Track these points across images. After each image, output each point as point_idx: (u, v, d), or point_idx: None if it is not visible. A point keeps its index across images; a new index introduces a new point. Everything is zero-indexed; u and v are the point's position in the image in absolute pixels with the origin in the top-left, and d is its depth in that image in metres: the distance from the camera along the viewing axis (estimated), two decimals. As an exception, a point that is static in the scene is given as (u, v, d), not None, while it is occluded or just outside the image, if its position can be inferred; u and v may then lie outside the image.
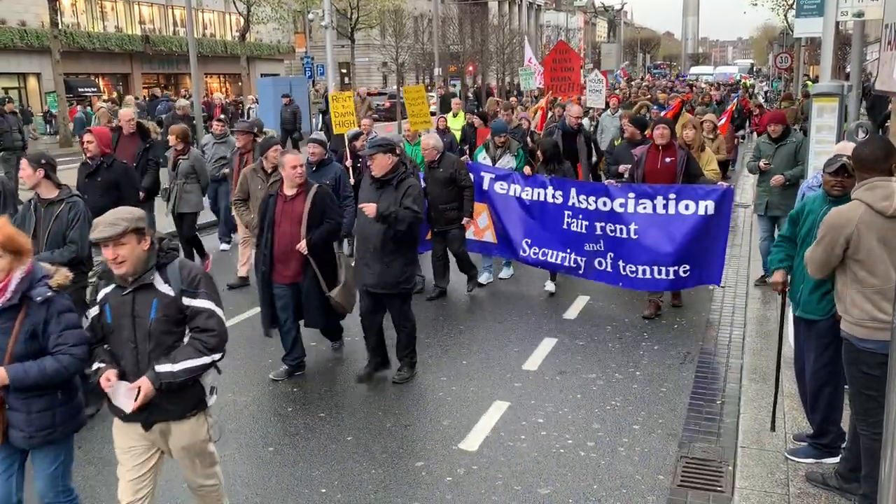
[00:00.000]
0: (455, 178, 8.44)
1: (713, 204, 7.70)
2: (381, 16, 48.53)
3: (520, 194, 8.86)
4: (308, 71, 37.32)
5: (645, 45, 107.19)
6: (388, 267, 6.25)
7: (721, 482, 4.88)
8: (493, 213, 9.14)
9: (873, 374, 4.01)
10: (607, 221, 8.20)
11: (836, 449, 4.79)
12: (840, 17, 8.85)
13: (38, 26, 35.41)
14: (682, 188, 7.84)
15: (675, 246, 7.85)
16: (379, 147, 6.31)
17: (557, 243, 8.62)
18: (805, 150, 7.99)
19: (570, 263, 8.59)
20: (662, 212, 7.87)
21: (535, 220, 8.77)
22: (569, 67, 16.52)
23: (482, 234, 9.29)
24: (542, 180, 8.71)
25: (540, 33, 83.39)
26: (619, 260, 8.18)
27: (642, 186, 7.99)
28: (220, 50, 48.19)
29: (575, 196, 8.43)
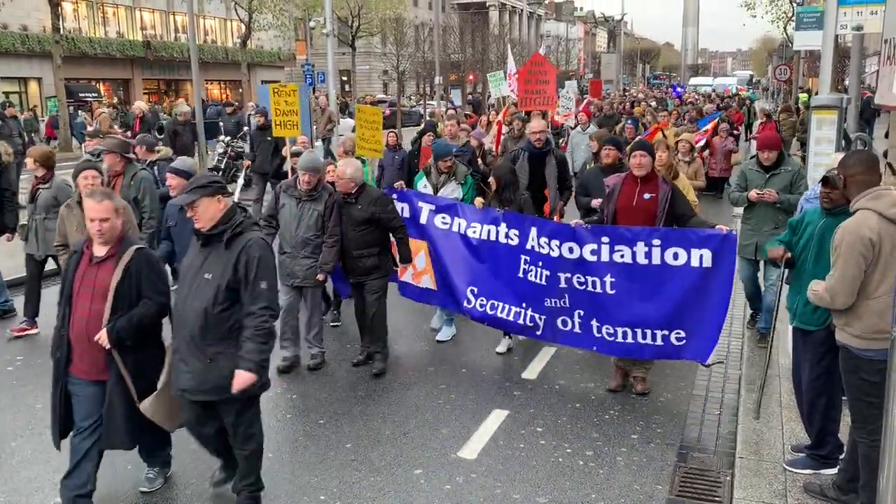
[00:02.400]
0: (376, 219, 6.68)
1: (710, 254, 5.86)
2: (382, 24, 48.73)
3: (465, 231, 7.05)
4: (309, 78, 37.41)
5: (645, 56, 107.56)
6: (213, 363, 4.23)
7: (719, 492, 4.89)
8: (433, 254, 7.31)
9: (873, 381, 4.04)
10: (574, 272, 6.34)
11: (834, 460, 4.80)
12: (839, 31, 8.93)
13: (40, 31, 35.53)
14: (670, 232, 6.02)
15: (665, 303, 6.04)
16: (203, 189, 4.25)
17: (510, 295, 6.75)
18: (803, 181, 6.94)
19: (525, 321, 6.68)
20: (644, 261, 6.03)
21: (484, 264, 6.95)
22: (544, 80, 15.08)
23: (420, 279, 7.46)
24: (494, 215, 6.88)
25: (540, 43, 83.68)
26: (592, 319, 6.35)
27: (618, 230, 6.15)
28: (221, 56, 48.30)
29: (535, 237, 6.57)
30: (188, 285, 4.31)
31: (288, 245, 6.77)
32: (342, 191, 6.70)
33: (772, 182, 6.91)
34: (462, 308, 7.14)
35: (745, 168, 7.25)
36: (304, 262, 6.73)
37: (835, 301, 4.13)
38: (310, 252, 6.71)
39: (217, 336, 4.22)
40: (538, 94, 15.16)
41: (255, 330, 4.18)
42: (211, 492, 4.87)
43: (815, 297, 4.27)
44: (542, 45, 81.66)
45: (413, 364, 7.18)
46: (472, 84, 52.81)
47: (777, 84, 38.38)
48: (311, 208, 6.70)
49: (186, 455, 5.25)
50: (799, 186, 6.84)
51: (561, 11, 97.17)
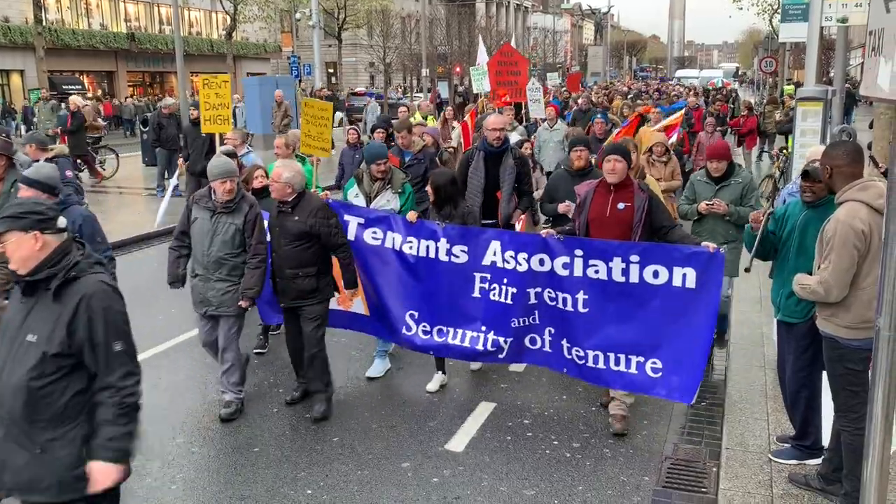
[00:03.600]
0: (316, 233, 5.77)
1: (694, 274, 5.18)
2: (368, 16, 48.55)
3: (400, 247, 6.15)
4: (295, 70, 37.26)
5: (631, 48, 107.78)
6: (46, 454, 3.11)
7: (705, 483, 4.92)
8: (364, 273, 6.31)
9: (857, 370, 4.07)
10: (545, 286, 5.66)
11: (819, 450, 4.84)
12: (824, 23, 8.97)
13: (22, 23, 35.17)
14: (650, 248, 5.33)
15: (642, 326, 5.38)
16: (13, 220, 3.11)
17: (463, 318, 6.00)
18: (754, 193, 6.60)
19: (485, 346, 5.89)
20: (621, 279, 5.37)
21: (426, 284, 6.12)
22: (515, 72, 14.74)
23: (349, 304, 6.41)
24: (432, 229, 6.04)
25: (527, 35, 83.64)
26: (563, 338, 5.68)
27: (593, 242, 5.50)
28: (206, 48, 47.98)
29: (497, 252, 5.84)
30: (6, 349, 3.14)
31: (200, 266, 5.77)
32: (277, 197, 5.83)
33: (722, 194, 6.58)
34: (400, 336, 6.20)
35: (694, 179, 6.85)
36: (218, 286, 5.72)
37: (829, 294, 4.10)
38: (225, 274, 5.71)
39: (47, 417, 3.08)
40: (509, 85, 14.87)
41: (119, 409, 3.12)
42: None
43: (804, 291, 4.24)
44: (529, 38, 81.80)
45: (400, 356, 7.17)
46: (459, 76, 52.78)
47: (763, 76, 38.50)
48: (228, 222, 5.70)
49: None
50: (750, 199, 6.54)
51: (547, 3, 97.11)
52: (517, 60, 15.33)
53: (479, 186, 7.07)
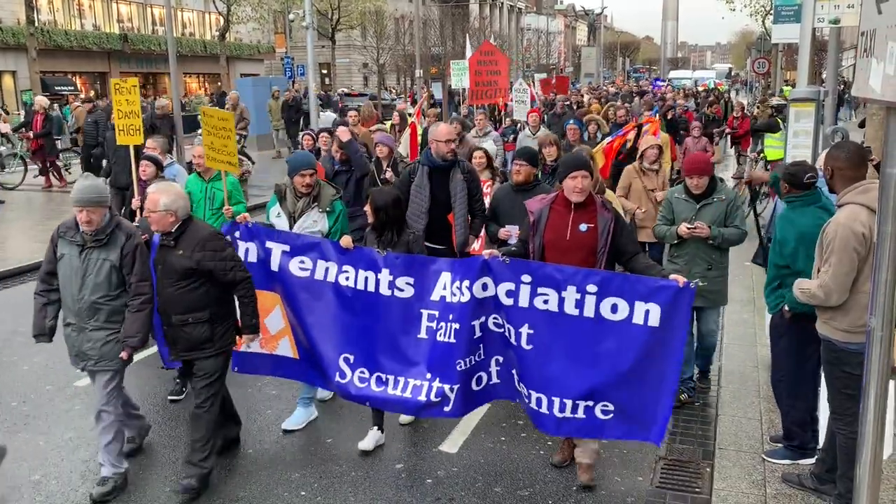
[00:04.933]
0: (205, 269, 4.74)
1: (658, 310, 4.43)
2: (361, 17, 48.55)
3: (335, 278, 5.21)
4: (288, 71, 37.22)
5: (625, 49, 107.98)
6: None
7: (699, 483, 4.92)
8: (290, 311, 5.36)
9: (855, 374, 4.07)
10: (490, 314, 4.85)
11: (812, 450, 4.85)
12: (817, 24, 8.99)
13: (14, 23, 35.03)
14: (611, 278, 4.59)
15: (593, 369, 4.59)
16: None
17: (404, 363, 5.03)
18: (740, 211, 5.94)
19: (429, 396, 4.90)
20: (574, 312, 4.58)
21: (363, 322, 5.15)
22: (495, 71, 14.18)
23: (274, 344, 5.46)
24: (371, 258, 5.11)
25: (521, 36, 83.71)
26: (512, 367, 4.90)
27: (545, 268, 4.67)
28: (199, 49, 47.89)
29: (447, 285, 4.93)
30: None
31: (71, 313, 4.73)
32: (157, 229, 4.80)
33: (703, 214, 5.78)
34: (333, 384, 5.20)
35: (672, 197, 6.04)
36: (95, 336, 4.69)
37: (829, 298, 4.09)
38: (103, 321, 4.69)
39: None
40: (489, 85, 14.21)
41: None
42: None
43: (805, 295, 4.24)
44: (523, 39, 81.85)
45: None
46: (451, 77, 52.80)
47: (756, 77, 38.64)
48: (100, 258, 4.65)
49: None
50: (735, 217, 5.83)
51: (541, 5, 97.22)
52: (497, 59, 14.70)
53: (423, 206, 6.20)
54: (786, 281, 4.67)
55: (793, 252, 4.66)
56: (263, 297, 5.23)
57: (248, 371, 5.61)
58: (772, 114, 15.37)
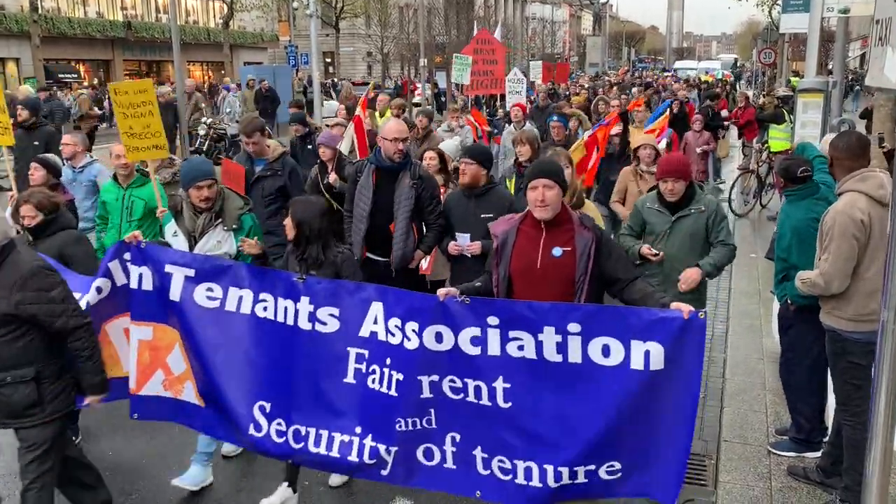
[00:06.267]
0: (27, 314, 3.78)
1: (661, 350, 3.49)
2: (366, 5, 48.39)
3: (252, 308, 4.23)
4: (292, 60, 37.12)
5: (630, 39, 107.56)
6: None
7: (704, 476, 4.90)
8: (192, 350, 4.35)
9: (860, 364, 4.07)
10: (447, 372, 3.82)
11: (818, 443, 4.84)
12: (826, 14, 8.93)
13: (18, 10, 34.95)
14: (596, 312, 3.64)
15: (590, 427, 3.64)
16: None
17: (329, 414, 4.09)
18: (724, 224, 5.03)
19: (361, 456, 3.97)
20: (556, 358, 3.64)
21: (279, 362, 4.20)
22: (492, 60, 13.64)
23: (178, 388, 4.43)
24: (290, 283, 4.16)
25: (526, 25, 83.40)
26: (476, 446, 3.85)
27: (514, 306, 3.75)
28: (203, 37, 47.79)
29: (379, 319, 3.97)
30: None
31: None
32: None
33: (679, 226, 4.97)
34: (246, 437, 4.20)
35: (643, 206, 5.18)
36: None
37: (829, 286, 4.09)
38: None
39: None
40: (485, 75, 13.74)
41: None
42: None
43: (806, 285, 4.25)
44: (528, 28, 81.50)
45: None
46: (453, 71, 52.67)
47: (762, 67, 38.42)
48: None
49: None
50: (719, 232, 4.93)
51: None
52: (494, 49, 14.22)
53: (364, 210, 5.53)
54: (790, 274, 4.68)
55: (788, 245, 4.68)
56: (162, 333, 4.33)
57: (148, 417, 4.54)
58: (778, 104, 15.27)
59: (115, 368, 4.31)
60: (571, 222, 3.89)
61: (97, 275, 4.25)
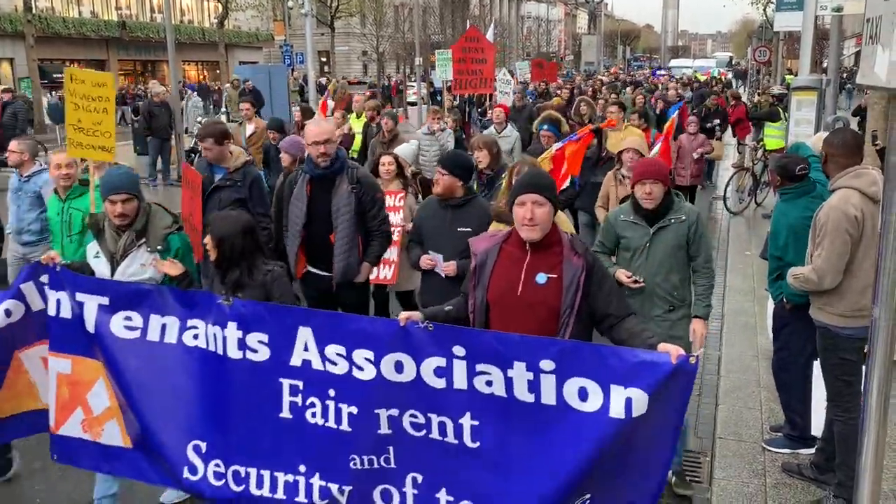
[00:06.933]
0: None
1: (644, 398, 3.04)
2: (361, 4, 48.37)
3: (179, 337, 3.80)
4: (287, 59, 37.08)
5: (625, 38, 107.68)
6: None
7: (699, 473, 4.92)
8: (117, 384, 3.91)
9: (850, 360, 4.11)
10: (408, 406, 3.39)
11: (812, 440, 4.86)
12: (819, 12, 8.95)
13: (12, 10, 34.89)
14: (573, 349, 3.19)
15: (563, 474, 3.22)
16: None
17: (268, 452, 3.67)
18: (704, 238, 4.54)
19: (308, 497, 3.59)
20: (528, 398, 3.21)
21: (213, 396, 3.75)
22: (480, 59, 13.17)
23: (99, 429, 3.98)
24: (214, 305, 3.71)
25: (521, 24, 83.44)
26: (440, 488, 3.44)
27: (482, 337, 3.32)
28: (197, 37, 47.74)
29: (312, 345, 3.51)
30: None
31: None
32: None
33: (659, 239, 4.43)
34: (181, 481, 3.80)
35: (616, 219, 4.61)
36: None
37: (822, 281, 4.11)
38: None
39: None
40: (473, 74, 13.34)
41: None
42: None
43: (798, 281, 4.28)
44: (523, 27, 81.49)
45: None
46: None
47: (756, 65, 38.51)
48: None
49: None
50: (699, 247, 4.46)
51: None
52: (483, 47, 13.70)
53: (298, 223, 5.13)
54: (784, 272, 4.70)
55: (784, 244, 4.70)
56: (82, 366, 3.92)
57: (69, 461, 4.10)
58: (772, 102, 15.32)
59: (30, 400, 3.93)
60: (561, 245, 3.46)
61: (5, 295, 3.80)
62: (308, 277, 5.26)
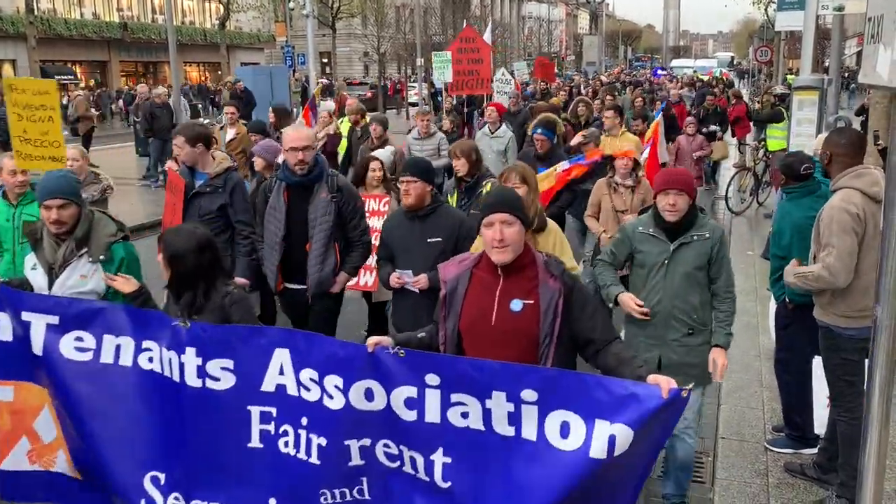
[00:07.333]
0: None
1: (630, 435, 2.76)
2: (362, 5, 48.36)
3: (134, 360, 3.48)
4: (289, 60, 37.11)
5: (627, 38, 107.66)
6: None
7: (701, 473, 4.92)
8: (65, 411, 3.63)
9: (852, 360, 4.09)
10: (380, 436, 3.14)
11: (814, 439, 4.86)
12: (821, 11, 8.94)
13: (14, 12, 34.93)
14: (556, 377, 2.90)
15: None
16: None
17: (234, 484, 3.40)
18: (726, 257, 4.16)
19: None
20: (507, 432, 2.94)
21: (172, 425, 3.46)
22: (477, 59, 13.14)
23: (49, 459, 3.72)
24: (171, 329, 3.38)
25: (522, 24, 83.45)
26: None
27: (457, 364, 3.05)
28: (199, 38, 47.79)
29: (289, 368, 3.23)
30: None
31: None
32: None
33: (680, 257, 4.08)
34: None
35: (633, 232, 4.22)
36: None
37: (837, 279, 4.00)
38: None
39: None
40: (470, 75, 13.29)
41: None
42: None
43: (804, 280, 4.19)
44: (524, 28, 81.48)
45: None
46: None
47: (757, 65, 38.49)
48: None
49: None
50: (721, 267, 4.09)
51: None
52: (479, 47, 13.75)
53: (277, 235, 4.85)
54: None
55: (788, 243, 4.69)
56: (27, 393, 3.61)
57: (18, 498, 3.76)
58: (774, 102, 15.30)
59: None
60: (536, 267, 3.16)
61: None
62: (283, 293, 5.08)
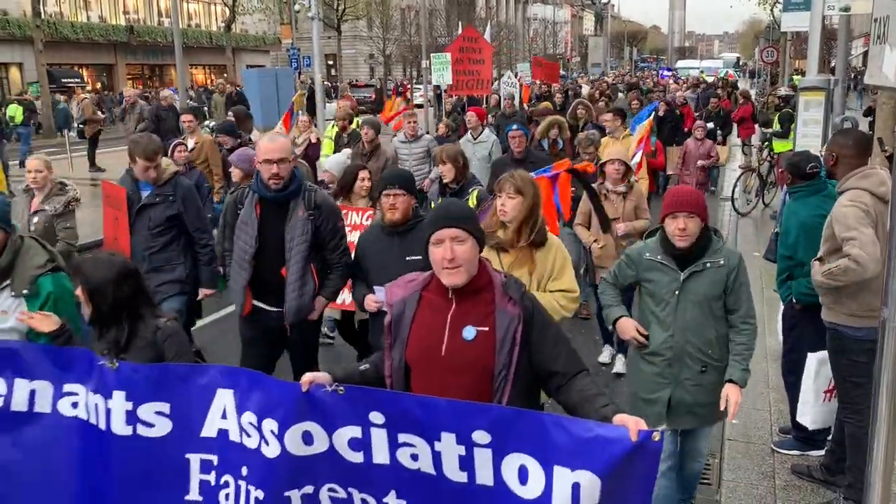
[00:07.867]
0: None
1: (597, 484, 2.40)
2: (367, 7, 48.52)
3: (54, 406, 3.11)
4: (294, 62, 37.21)
5: (632, 39, 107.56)
6: None
7: (708, 475, 4.90)
8: None
9: (860, 362, 4.07)
10: (325, 480, 2.75)
11: (822, 441, 4.84)
12: (827, 12, 8.93)
13: (21, 15, 35.11)
14: (512, 417, 2.54)
15: None
16: None
17: None
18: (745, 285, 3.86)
19: None
20: (459, 478, 2.58)
21: (97, 478, 3.04)
22: (478, 59, 12.89)
23: None
24: (96, 370, 3.01)
25: (527, 26, 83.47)
26: None
27: (401, 401, 2.65)
28: (205, 41, 47.93)
29: (232, 411, 2.84)
30: None
31: None
32: None
33: (692, 287, 3.72)
34: None
35: (639, 256, 3.85)
36: None
37: (866, 269, 3.84)
38: None
39: None
40: (471, 75, 13.04)
41: None
42: None
43: (834, 275, 4.02)
44: (529, 29, 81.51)
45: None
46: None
47: (763, 66, 38.44)
48: None
49: None
50: (740, 297, 3.77)
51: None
52: (481, 47, 13.51)
53: (247, 253, 4.37)
54: (794, 272, 4.68)
55: (794, 242, 4.68)
56: None
57: None
58: (779, 104, 15.28)
59: None
60: (492, 290, 2.77)
61: None
62: (253, 313, 4.51)
